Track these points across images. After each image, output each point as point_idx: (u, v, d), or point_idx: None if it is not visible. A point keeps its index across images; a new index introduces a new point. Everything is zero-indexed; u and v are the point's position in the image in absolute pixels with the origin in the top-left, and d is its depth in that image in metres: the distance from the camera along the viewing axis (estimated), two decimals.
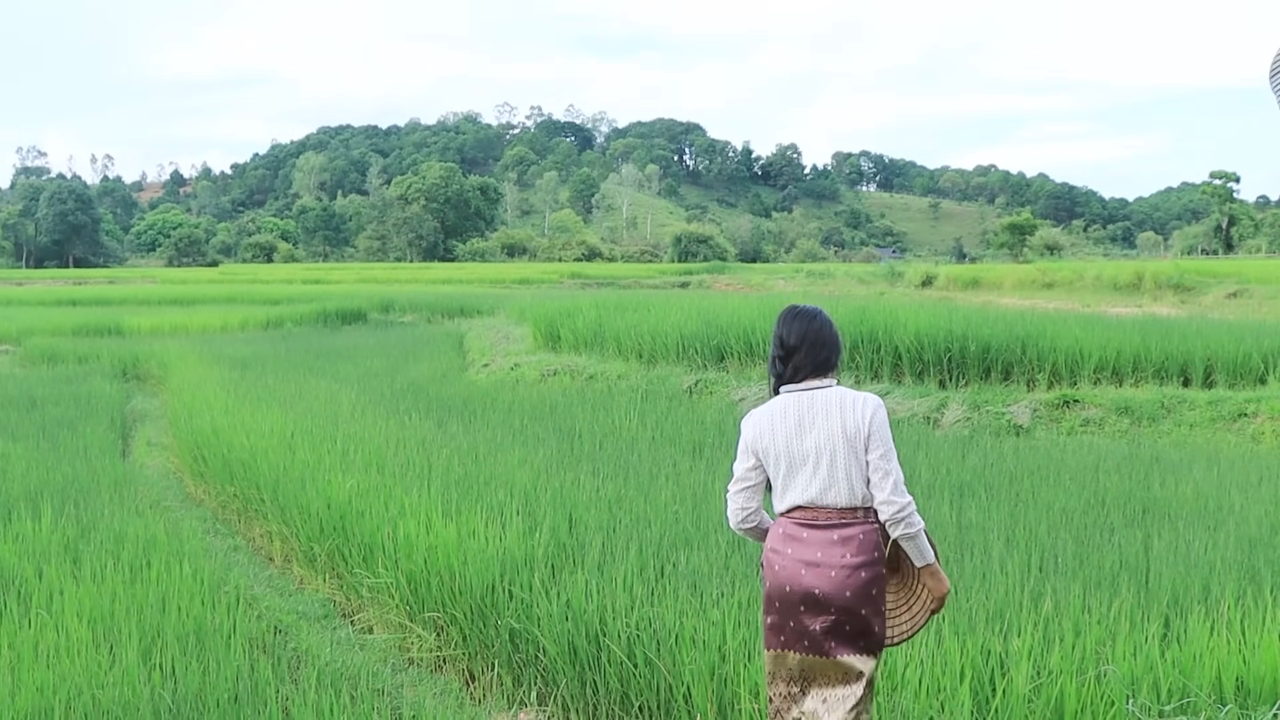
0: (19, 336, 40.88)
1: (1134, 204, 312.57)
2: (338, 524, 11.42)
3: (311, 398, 20.25)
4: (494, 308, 47.47)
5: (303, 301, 56.12)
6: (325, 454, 14.02)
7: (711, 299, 34.60)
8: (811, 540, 5.23)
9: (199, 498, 16.58)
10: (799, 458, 5.26)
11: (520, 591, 8.90)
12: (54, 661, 7.74)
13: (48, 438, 18.14)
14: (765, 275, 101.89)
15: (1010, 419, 18.83)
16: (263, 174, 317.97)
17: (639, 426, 17.56)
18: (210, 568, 10.45)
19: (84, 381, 26.26)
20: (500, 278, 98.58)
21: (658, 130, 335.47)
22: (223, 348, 32.45)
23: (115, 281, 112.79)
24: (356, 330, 44.61)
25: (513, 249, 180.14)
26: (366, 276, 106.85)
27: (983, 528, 10.81)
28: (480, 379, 26.60)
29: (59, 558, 10.36)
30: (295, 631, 10.07)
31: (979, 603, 8.18)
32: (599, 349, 27.34)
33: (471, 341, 34.90)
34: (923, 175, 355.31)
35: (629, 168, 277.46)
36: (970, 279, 67.48)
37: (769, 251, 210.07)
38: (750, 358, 23.48)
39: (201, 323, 44.94)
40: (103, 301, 63.53)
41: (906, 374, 21.73)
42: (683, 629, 7.80)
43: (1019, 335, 21.58)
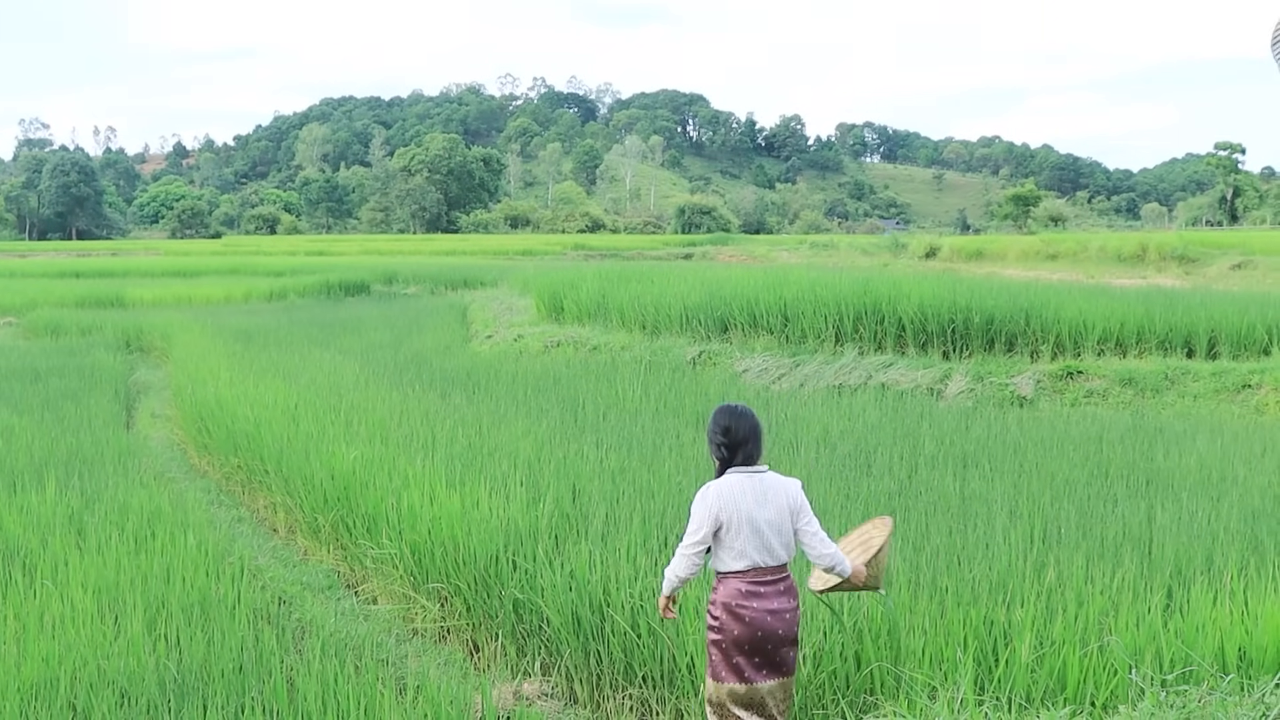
0: (22, 309, 40.94)
1: (1138, 175, 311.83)
2: (342, 495, 11.44)
3: (315, 369, 20.27)
4: (497, 279, 47.42)
5: (306, 273, 56.13)
6: (329, 425, 14.05)
7: (715, 270, 34.58)
8: (769, 594, 6.49)
9: (203, 469, 16.60)
10: (755, 527, 6.44)
11: (524, 562, 8.92)
12: (59, 632, 7.77)
13: (51, 410, 18.16)
14: (769, 247, 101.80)
15: (1014, 390, 18.83)
16: (265, 145, 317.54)
17: (642, 398, 17.57)
18: (214, 539, 10.49)
19: (87, 354, 26.26)
20: (503, 249, 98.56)
21: (661, 101, 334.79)
22: (226, 319, 32.47)
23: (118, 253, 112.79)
24: (360, 302, 44.63)
25: (516, 220, 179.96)
26: (370, 248, 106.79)
27: (986, 498, 10.83)
28: (484, 350, 26.61)
29: (64, 529, 10.40)
30: (300, 602, 10.10)
31: (982, 573, 8.20)
32: (602, 320, 27.34)
33: (475, 313, 34.90)
34: (927, 146, 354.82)
35: (632, 139, 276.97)
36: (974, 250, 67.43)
37: (773, 223, 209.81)
38: (754, 329, 23.48)
39: (205, 295, 44.93)
40: (106, 274, 63.51)
41: (910, 345, 21.70)
42: (686, 600, 7.81)
43: (1023, 306, 21.56)
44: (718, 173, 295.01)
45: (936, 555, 8.76)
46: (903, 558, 8.57)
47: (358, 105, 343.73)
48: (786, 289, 23.63)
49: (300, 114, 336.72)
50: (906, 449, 13.54)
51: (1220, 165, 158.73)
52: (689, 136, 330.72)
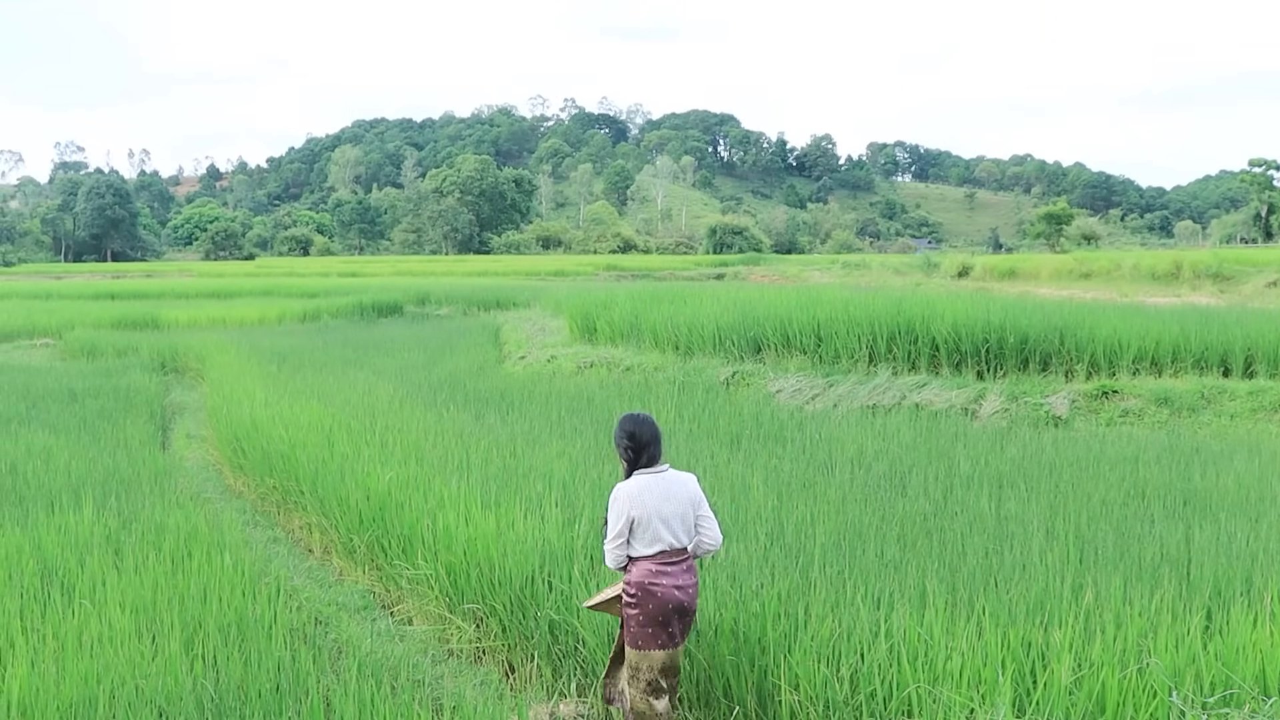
0: (59, 330, 41.22)
1: (1171, 192, 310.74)
2: (377, 515, 11.45)
3: (349, 390, 20.32)
4: (530, 300, 47.51)
5: (339, 294, 56.33)
6: (364, 446, 14.07)
7: (747, 290, 34.54)
8: (674, 572, 7.44)
9: (238, 489, 16.65)
10: (663, 518, 7.42)
11: (559, 583, 8.91)
12: (98, 651, 7.79)
13: (88, 430, 18.25)
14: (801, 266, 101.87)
15: (1049, 410, 18.75)
16: (298, 167, 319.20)
17: (676, 418, 17.55)
18: (250, 559, 10.52)
19: (123, 374, 26.38)
20: (535, 270, 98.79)
21: (692, 121, 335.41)
22: (260, 340, 32.57)
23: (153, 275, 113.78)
24: (393, 323, 44.71)
25: (548, 241, 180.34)
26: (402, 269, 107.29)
27: (1022, 519, 10.78)
28: (517, 371, 26.64)
29: (101, 549, 10.43)
30: (335, 622, 10.13)
31: (1019, 594, 8.16)
32: (635, 341, 27.33)
33: (508, 334, 34.97)
34: (958, 165, 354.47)
35: (663, 159, 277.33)
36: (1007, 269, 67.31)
37: (804, 243, 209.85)
38: (787, 349, 23.45)
39: (239, 316, 45.11)
40: (141, 295, 63.87)
41: (944, 365, 21.63)
42: (722, 621, 7.82)
43: (1057, 325, 21.45)
44: (749, 193, 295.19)
45: (973, 576, 8.72)
46: (939, 579, 8.54)
47: (390, 127, 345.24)
48: (819, 309, 23.59)
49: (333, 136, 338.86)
50: (941, 469, 13.49)
51: (1254, 182, 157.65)
52: (720, 157, 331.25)
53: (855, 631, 7.41)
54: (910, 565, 8.99)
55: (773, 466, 13.56)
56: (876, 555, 9.34)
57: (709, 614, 7.98)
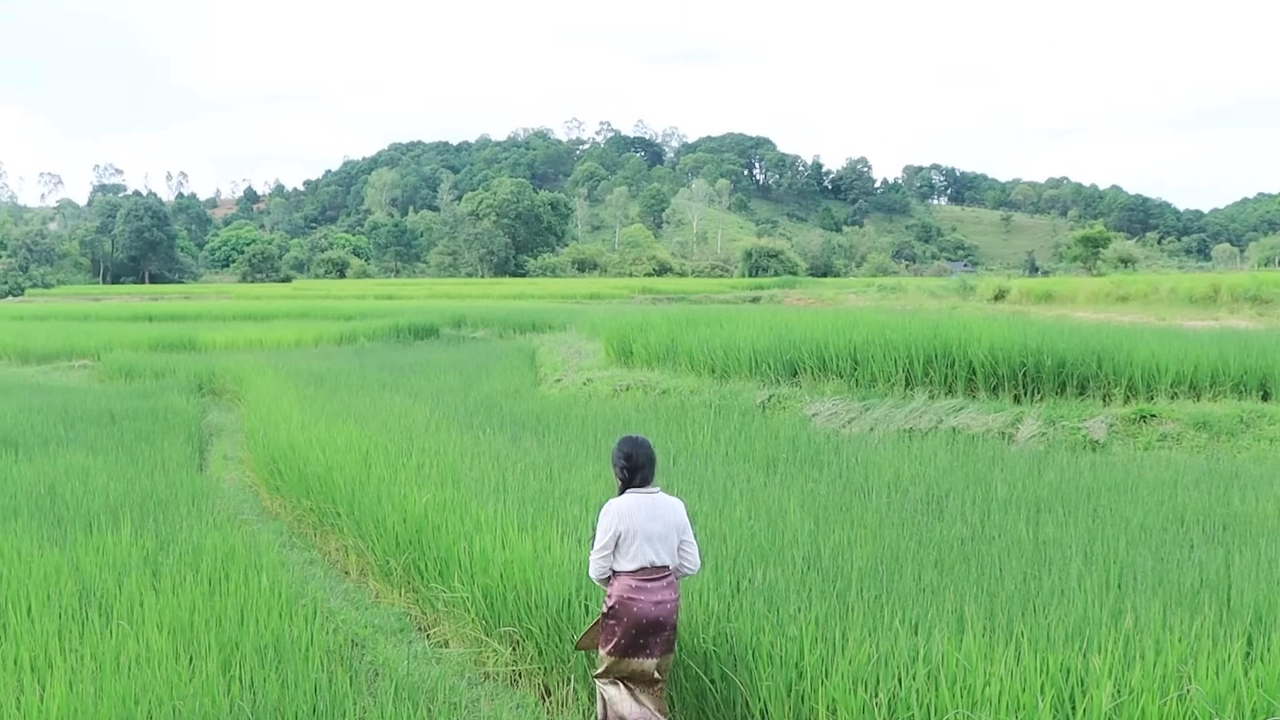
0: (97, 351, 41.42)
1: (1209, 215, 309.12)
2: (413, 538, 11.47)
3: (386, 413, 20.35)
4: (565, 323, 47.59)
5: (375, 317, 56.47)
6: (400, 468, 14.08)
7: (783, 314, 34.49)
8: (654, 588, 7.86)
9: (275, 511, 16.71)
10: (647, 536, 7.85)
11: (596, 606, 8.90)
12: (135, 672, 7.82)
13: (126, 451, 18.33)
14: (836, 290, 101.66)
15: (1086, 434, 18.66)
16: (335, 190, 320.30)
17: (712, 442, 17.53)
18: (287, 581, 10.54)
19: (161, 396, 26.51)
20: (571, 293, 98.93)
21: (727, 145, 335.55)
22: (297, 363, 32.66)
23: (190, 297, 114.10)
24: (429, 345, 44.78)
25: (583, 264, 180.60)
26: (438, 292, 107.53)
27: (1060, 544, 10.72)
28: (553, 394, 26.65)
29: (139, 569, 10.46)
30: (372, 644, 10.15)
31: (1058, 619, 8.10)
32: (671, 364, 27.32)
33: (544, 356, 34.99)
34: (994, 188, 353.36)
35: (699, 182, 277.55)
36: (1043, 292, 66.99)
37: (840, 266, 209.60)
38: (823, 373, 23.39)
39: (276, 338, 45.28)
40: (178, 317, 64.20)
41: (981, 388, 21.55)
42: (759, 645, 7.79)
43: (1094, 349, 21.34)
44: (784, 216, 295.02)
45: (1011, 601, 8.67)
46: (977, 604, 8.50)
47: (426, 150, 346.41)
48: (855, 332, 23.54)
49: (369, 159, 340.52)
50: (979, 493, 13.44)
51: None
52: (755, 180, 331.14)
53: (893, 656, 7.38)
54: (948, 590, 8.95)
55: (809, 490, 13.53)
56: (914, 580, 9.30)
57: (745, 639, 7.96)
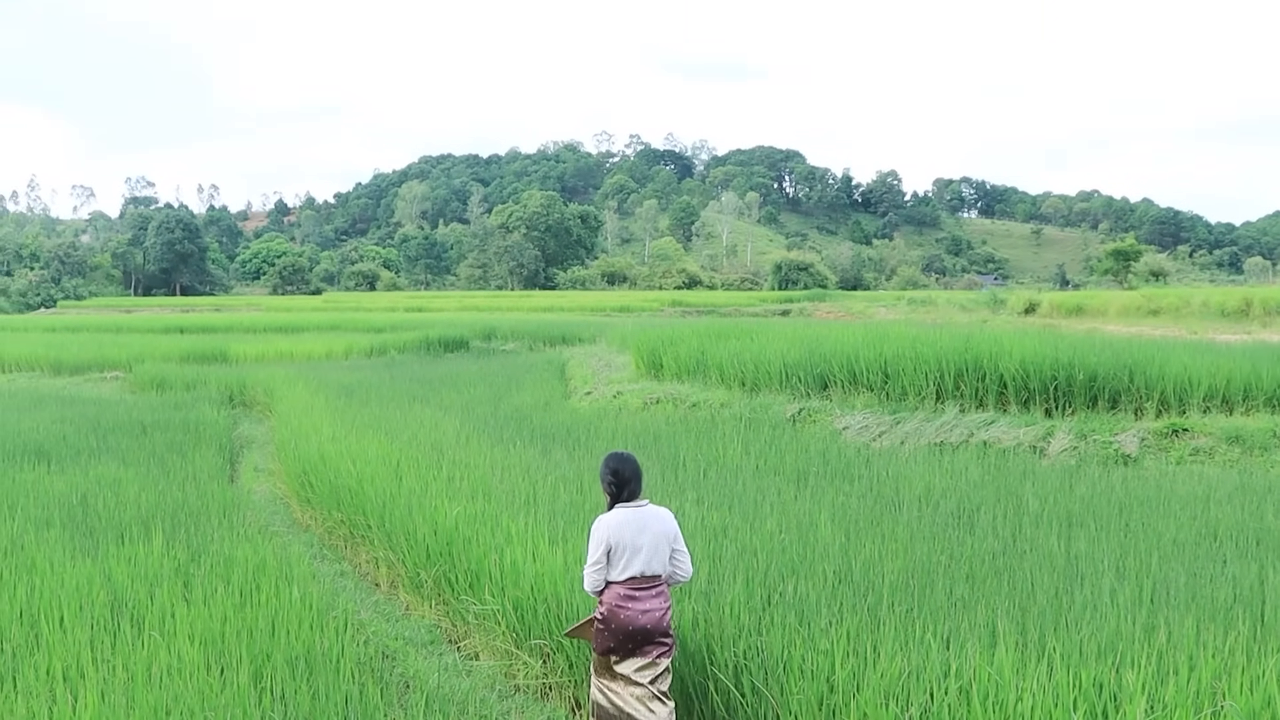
0: (129, 363, 41.57)
1: (1241, 228, 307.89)
2: (444, 550, 11.48)
3: (416, 425, 20.38)
4: (595, 335, 47.58)
5: (405, 329, 56.55)
6: (431, 481, 14.10)
7: (813, 327, 34.45)
8: (643, 598, 8.04)
9: (306, 523, 16.74)
10: (637, 549, 8.05)
11: None
12: (167, 683, 7.84)
13: (158, 463, 18.40)
14: (866, 303, 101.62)
15: (1118, 448, 18.58)
16: (365, 203, 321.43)
17: (742, 455, 17.51)
18: (318, 592, 10.55)
19: (192, 408, 26.62)
20: (601, 305, 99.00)
21: (757, 158, 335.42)
22: (327, 375, 32.76)
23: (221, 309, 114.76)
24: (459, 358, 44.82)
25: (613, 277, 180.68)
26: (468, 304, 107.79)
27: (1092, 558, 10.67)
28: (583, 407, 26.64)
29: (170, 580, 10.50)
30: (402, 657, 10.16)
31: (1090, 634, 8.07)
32: (701, 377, 27.29)
33: (573, 369, 34.99)
34: (1025, 201, 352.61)
35: (729, 195, 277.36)
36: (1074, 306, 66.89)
37: (870, 279, 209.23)
38: (854, 386, 23.33)
39: (306, 350, 45.41)
40: (209, 329, 64.39)
41: (1012, 402, 21.47)
42: (790, 658, 7.77)
43: (1126, 363, 21.22)
44: (814, 229, 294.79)
45: (1043, 615, 8.64)
46: (1009, 618, 8.46)
47: (456, 163, 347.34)
48: (886, 345, 23.47)
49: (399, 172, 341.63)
50: (1010, 507, 13.40)
51: None
52: (785, 193, 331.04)
53: (925, 671, 7.35)
54: (980, 604, 8.91)
55: (840, 504, 13.50)
56: (946, 594, 9.27)
57: (776, 652, 7.94)
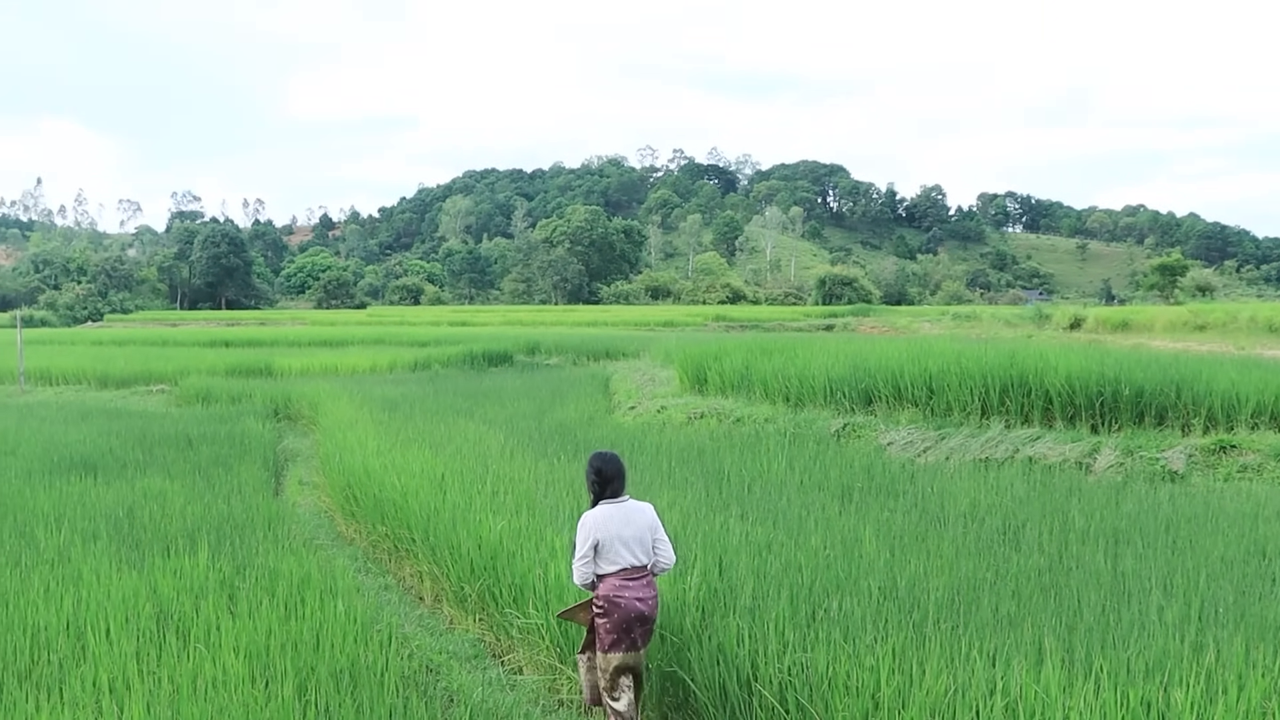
0: (174, 376, 41.80)
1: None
2: (488, 564, 11.48)
3: (460, 439, 20.40)
4: (639, 350, 47.56)
5: (449, 343, 56.68)
6: (475, 495, 14.12)
7: (857, 342, 34.36)
8: (635, 586, 8.60)
9: (350, 536, 16.78)
10: (624, 541, 8.66)
11: (671, 635, 8.89)
12: (212, 695, 7.86)
13: (203, 476, 18.48)
14: (910, 318, 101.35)
15: (1165, 464, 18.44)
16: (409, 217, 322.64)
17: (787, 470, 17.46)
18: (362, 606, 10.56)
19: (237, 421, 26.73)
20: (644, 320, 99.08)
21: (801, 172, 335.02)
22: (372, 389, 32.85)
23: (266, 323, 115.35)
24: (503, 372, 44.87)
25: (657, 291, 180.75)
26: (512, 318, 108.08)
27: (1140, 576, 10.59)
28: (627, 421, 26.63)
29: (215, 593, 10.54)
30: (446, 671, 10.16)
31: (1137, 652, 8.00)
32: (746, 392, 27.25)
33: (617, 384, 34.98)
34: (1070, 216, 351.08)
35: (772, 210, 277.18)
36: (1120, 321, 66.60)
37: (914, 294, 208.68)
38: (898, 402, 23.26)
39: (350, 364, 45.54)
40: (254, 342, 64.70)
41: (1057, 418, 21.35)
42: (835, 675, 7.72)
43: (1172, 379, 21.07)
44: (858, 243, 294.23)
45: (1090, 633, 8.58)
46: (1056, 635, 8.41)
47: (500, 177, 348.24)
48: (931, 361, 23.39)
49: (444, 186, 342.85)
50: (1056, 524, 13.32)
51: None
52: (829, 207, 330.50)
53: (970, 688, 7.31)
54: (1026, 621, 8.86)
55: (885, 520, 13.45)
56: (991, 610, 9.22)
57: (821, 669, 7.90)
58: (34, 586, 10.74)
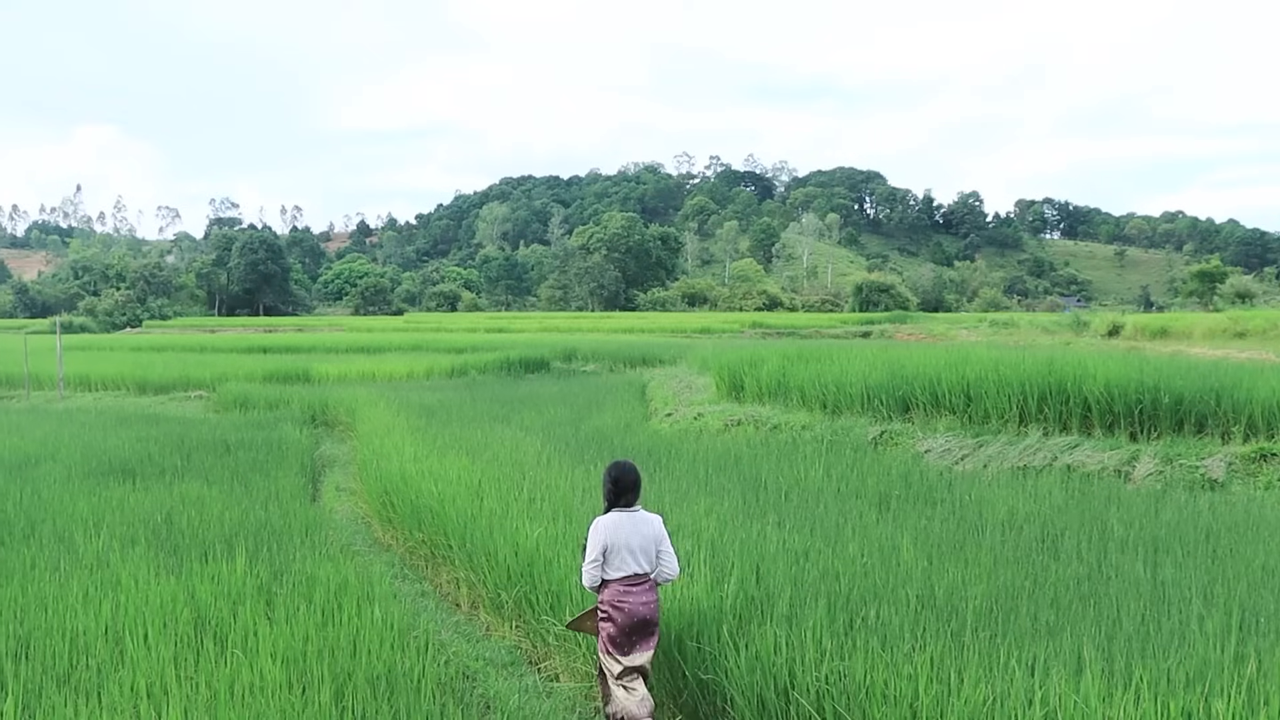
0: (212, 382, 41.95)
1: None
2: (525, 571, 11.49)
3: (497, 446, 20.41)
4: (676, 357, 47.54)
5: (486, 350, 56.74)
6: (512, 502, 14.12)
7: (895, 349, 34.22)
8: (638, 592, 8.91)
9: (387, 543, 16.81)
10: (630, 549, 8.94)
11: (708, 643, 8.87)
12: (249, 700, 7.89)
13: (241, 481, 18.54)
14: (948, 325, 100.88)
15: (1205, 473, 18.30)
16: (446, 224, 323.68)
17: (824, 478, 17.41)
18: (399, 612, 10.58)
19: (275, 427, 26.82)
20: (681, 327, 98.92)
21: (838, 179, 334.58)
22: (409, 395, 32.90)
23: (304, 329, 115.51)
24: (540, 379, 44.91)
25: (693, 298, 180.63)
26: (549, 325, 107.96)
27: (1179, 585, 10.51)
28: (664, 428, 26.61)
29: (253, 599, 10.57)
30: (483, 677, 10.18)
31: (1177, 662, 7.94)
32: (783, 399, 27.19)
33: (654, 391, 34.96)
34: (1108, 222, 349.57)
35: (809, 216, 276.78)
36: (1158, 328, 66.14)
37: (951, 301, 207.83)
38: (936, 409, 23.17)
39: (388, 370, 45.65)
40: (292, 349, 64.86)
41: (1096, 426, 21.21)
42: (873, 683, 7.69)
43: (1212, 386, 20.89)
44: (895, 250, 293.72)
45: (1129, 643, 8.52)
46: (1095, 645, 8.36)
47: (537, 184, 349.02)
48: (968, 368, 23.29)
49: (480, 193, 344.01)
50: (1095, 532, 13.24)
51: None
52: (866, 214, 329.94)
53: (1009, 698, 7.26)
54: (1065, 630, 8.81)
55: (922, 527, 13.40)
56: (1030, 619, 9.17)
57: (859, 677, 7.86)
58: (73, 591, 10.78)
